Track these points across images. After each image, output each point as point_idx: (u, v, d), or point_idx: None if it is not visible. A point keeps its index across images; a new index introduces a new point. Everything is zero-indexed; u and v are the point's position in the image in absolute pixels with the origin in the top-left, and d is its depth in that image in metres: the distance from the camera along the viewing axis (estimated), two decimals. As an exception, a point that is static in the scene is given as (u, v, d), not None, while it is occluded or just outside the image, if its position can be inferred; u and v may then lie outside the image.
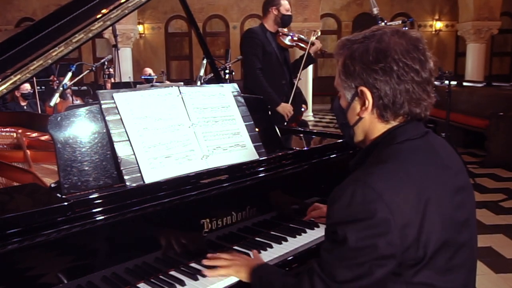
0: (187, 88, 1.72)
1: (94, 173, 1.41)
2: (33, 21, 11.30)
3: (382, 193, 1.07)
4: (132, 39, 10.94)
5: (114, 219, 1.33)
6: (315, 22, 10.96)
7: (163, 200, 1.44)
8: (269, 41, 3.64)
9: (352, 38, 1.23)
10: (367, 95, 1.19)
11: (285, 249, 1.62)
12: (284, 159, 1.84)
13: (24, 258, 1.18)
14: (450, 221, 1.13)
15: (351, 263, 1.10)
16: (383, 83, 1.16)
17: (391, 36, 1.17)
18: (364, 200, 1.08)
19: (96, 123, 1.47)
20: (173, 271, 1.46)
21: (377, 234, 1.07)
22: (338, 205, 1.12)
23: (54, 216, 1.23)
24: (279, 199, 1.85)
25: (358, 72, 1.19)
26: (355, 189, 1.10)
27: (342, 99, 1.29)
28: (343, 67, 1.22)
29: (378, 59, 1.15)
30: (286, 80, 3.75)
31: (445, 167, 1.19)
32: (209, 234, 1.56)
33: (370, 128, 1.24)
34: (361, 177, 1.12)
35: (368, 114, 1.22)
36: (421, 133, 1.21)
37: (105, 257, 1.33)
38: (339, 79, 1.26)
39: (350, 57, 1.20)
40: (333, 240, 1.14)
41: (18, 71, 1.53)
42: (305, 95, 8.99)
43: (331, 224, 1.15)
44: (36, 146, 2.38)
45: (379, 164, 1.15)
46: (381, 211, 1.06)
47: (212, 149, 1.65)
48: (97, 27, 1.67)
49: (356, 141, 1.30)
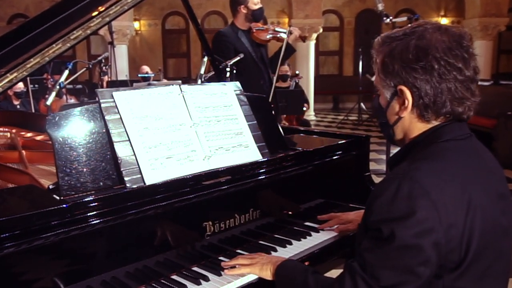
0: (188, 86, 1.72)
1: (93, 174, 1.41)
2: (25, 17, 11.29)
3: (429, 190, 1.07)
4: (128, 36, 10.94)
5: (114, 221, 1.33)
6: (316, 18, 10.97)
7: (164, 202, 1.45)
8: (241, 40, 3.55)
9: (391, 35, 1.23)
10: (407, 94, 1.18)
11: (290, 253, 1.62)
12: (288, 160, 1.84)
13: (22, 262, 1.18)
14: (493, 227, 1.13)
15: (397, 264, 1.08)
16: (423, 82, 1.15)
17: (432, 33, 1.16)
18: (410, 195, 1.07)
19: (96, 122, 1.47)
20: (175, 275, 1.46)
21: (424, 232, 1.06)
22: (381, 200, 1.11)
23: (53, 219, 1.23)
24: (283, 201, 1.85)
25: (397, 70, 1.18)
26: (400, 184, 1.09)
27: (381, 98, 1.29)
28: (382, 65, 1.22)
29: (418, 58, 1.15)
30: (264, 79, 3.67)
31: (489, 172, 1.19)
32: (212, 237, 1.56)
33: (410, 128, 1.24)
34: (407, 172, 1.12)
35: (407, 114, 1.22)
36: (465, 134, 1.21)
37: (105, 260, 1.33)
38: (378, 77, 1.26)
39: (390, 55, 1.20)
40: (377, 238, 1.12)
41: (14, 69, 1.53)
42: (307, 94, 9.00)
43: (374, 221, 1.13)
44: (31, 146, 2.37)
45: (425, 160, 1.15)
46: (428, 208, 1.06)
47: (214, 150, 1.65)
48: (95, 23, 1.67)
49: (396, 140, 1.30)
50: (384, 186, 1.14)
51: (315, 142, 2.30)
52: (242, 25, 3.61)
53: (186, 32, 13.32)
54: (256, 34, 3.61)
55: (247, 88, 3.25)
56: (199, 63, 9.62)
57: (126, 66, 10.43)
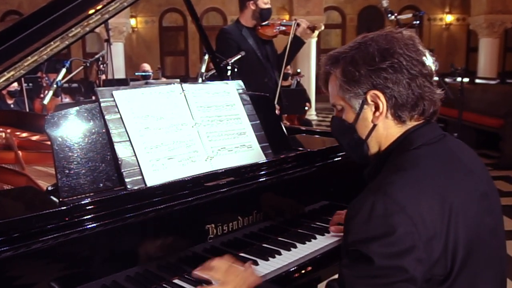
0: (190, 85, 1.72)
1: (93, 175, 1.41)
2: (19, 14, 11.29)
3: (404, 205, 1.05)
4: (124, 33, 10.94)
5: (114, 224, 1.33)
6: (318, 15, 10.97)
7: (166, 204, 1.44)
8: (245, 38, 3.53)
9: (341, 50, 1.23)
10: (380, 97, 1.17)
11: (294, 256, 1.62)
12: (292, 161, 1.84)
13: (20, 266, 1.18)
14: (478, 230, 1.12)
15: (378, 282, 1.06)
16: (394, 81, 1.15)
17: (384, 36, 1.18)
18: (385, 213, 1.05)
19: (95, 122, 1.47)
20: (177, 279, 1.45)
21: (403, 251, 1.04)
22: (356, 220, 1.10)
23: (52, 221, 1.23)
24: (286, 203, 1.85)
25: (364, 75, 1.17)
26: (374, 201, 1.07)
27: (346, 114, 1.26)
28: (345, 75, 1.20)
29: (384, 57, 1.15)
30: (269, 77, 3.65)
31: (468, 172, 1.17)
32: (214, 240, 1.56)
33: (384, 135, 1.22)
34: (381, 187, 1.10)
35: (382, 120, 1.20)
36: (438, 136, 1.20)
37: (105, 264, 1.33)
38: (340, 92, 1.24)
39: (351, 63, 1.19)
40: (355, 259, 1.10)
41: (11, 68, 1.52)
42: (308, 93, 9.01)
43: (351, 242, 1.11)
44: (27, 146, 2.37)
45: (398, 172, 1.13)
46: (404, 224, 1.04)
47: (216, 150, 1.65)
48: (94, 20, 1.67)
49: (370, 155, 1.28)
50: (358, 204, 1.11)
51: (319, 142, 2.30)
52: (248, 22, 3.60)
53: (184, 29, 13.33)
54: (262, 30, 3.59)
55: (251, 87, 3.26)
56: (197, 61, 9.64)
57: (122, 65, 10.42)
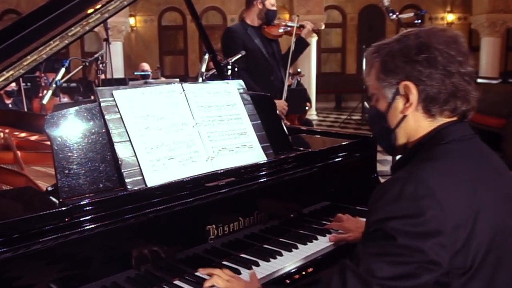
0: (190, 85, 1.72)
1: (93, 175, 1.41)
2: (17, 13, 11.26)
3: (434, 190, 1.07)
4: (123, 32, 10.93)
5: (114, 225, 1.33)
6: (318, 14, 10.96)
7: (166, 204, 1.44)
8: (251, 37, 3.58)
9: (385, 41, 1.26)
10: (411, 88, 1.20)
11: (295, 257, 1.62)
12: (293, 161, 1.84)
13: (19, 267, 1.18)
14: (502, 229, 1.13)
15: (396, 260, 1.08)
16: (427, 75, 1.17)
17: (427, 32, 1.21)
18: (415, 195, 1.07)
19: (95, 122, 1.47)
20: (177, 280, 1.46)
21: (427, 233, 1.06)
22: (384, 199, 1.12)
23: (52, 222, 1.23)
24: (288, 203, 1.85)
25: (400, 66, 1.20)
26: (405, 184, 1.10)
27: (380, 103, 1.29)
28: (382, 65, 1.24)
29: (421, 50, 1.17)
30: (275, 76, 3.70)
31: (496, 172, 1.20)
32: (215, 241, 1.56)
33: (414, 128, 1.24)
34: (412, 172, 1.12)
35: (412, 112, 1.22)
36: (469, 135, 1.22)
37: (105, 265, 1.33)
38: (376, 81, 1.27)
39: (389, 54, 1.22)
40: (376, 237, 1.12)
41: (11, 67, 1.53)
42: (308, 92, 9.01)
43: (374, 221, 1.13)
44: (26, 146, 2.37)
45: (429, 161, 1.15)
46: (433, 208, 1.06)
47: (217, 150, 1.65)
48: (94, 19, 1.67)
49: (398, 146, 1.30)
50: (386, 187, 1.14)
51: (320, 142, 2.30)
52: (253, 21, 3.65)
53: (184, 28, 13.31)
54: (267, 30, 3.65)
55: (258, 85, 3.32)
56: (197, 60, 9.65)
57: (121, 64, 10.42)
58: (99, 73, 4.78)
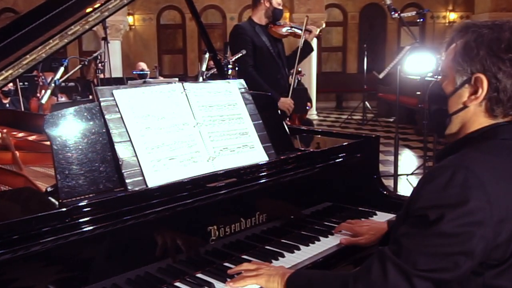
0: (191, 84, 1.72)
1: (93, 176, 1.41)
2: (14, 12, 11.22)
3: (484, 181, 1.07)
4: (121, 31, 10.91)
5: (114, 226, 1.33)
6: (319, 13, 10.96)
7: (167, 205, 1.44)
8: (259, 35, 3.67)
9: (478, 23, 1.22)
10: (483, 83, 1.18)
11: (298, 259, 1.62)
12: (295, 162, 1.84)
13: (18, 269, 1.18)
14: None
15: (438, 251, 1.09)
16: (506, 76, 1.15)
17: None
18: (464, 184, 1.07)
19: (96, 122, 1.47)
20: (178, 282, 1.46)
21: (473, 223, 1.06)
22: (432, 185, 1.12)
23: (52, 223, 1.23)
24: (289, 204, 1.85)
25: (481, 57, 1.17)
26: (455, 171, 1.10)
27: (447, 83, 1.27)
28: (464, 48, 1.20)
29: (509, 49, 1.14)
30: (281, 74, 3.79)
31: None
32: (216, 242, 1.56)
33: (471, 120, 1.23)
34: (463, 161, 1.12)
35: (475, 105, 1.21)
36: None
37: (105, 267, 1.33)
38: (451, 61, 1.24)
39: (476, 40, 1.18)
40: (419, 224, 1.12)
41: (10, 66, 1.52)
42: (309, 92, 9.01)
43: (420, 207, 1.13)
44: (24, 147, 2.37)
45: (483, 152, 1.15)
46: (479, 199, 1.06)
47: (218, 151, 1.66)
48: (94, 18, 1.66)
49: (447, 133, 1.29)
50: (436, 173, 1.14)
51: (322, 142, 2.30)
52: (260, 19, 3.72)
53: (182, 27, 13.31)
54: (274, 29, 3.73)
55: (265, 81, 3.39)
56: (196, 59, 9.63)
57: (119, 63, 10.41)
58: (98, 72, 4.78)
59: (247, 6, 13.05)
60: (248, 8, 13.06)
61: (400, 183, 5.29)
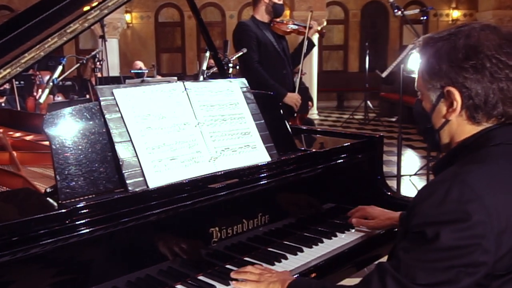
0: (192, 83, 1.72)
1: (93, 177, 1.41)
2: (10, 9, 11.22)
3: (481, 194, 1.08)
4: (119, 29, 10.92)
5: (114, 227, 1.33)
6: (320, 11, 10.96)
7: (168, 206, 1.44)
8: (263, 31, 3.73)
9: (435, 36, 1.24)
10: (455, 95, 1.19)
11: (301, 261, 1.62)
12: (298, 162, 1.84)
13: (17, 270, 1.18)
14: None
15: (437, 266, 1.09)
16: (474, 82, 1.16)
17: (480, 31, 1.18)
18: (460, 199, 1.08)
19: (95, 122, 1.47)
20: (179, 285, 1.46)
21: (474, 236, 1.06)
22: (428, 202, 1.12)
23: (51, 225, 1.23)
24: (292, 205, 1.85)
25: (445, 71, 1.19)
26: (450, 186, 1.10)
27: (425, 101, 1.30)
28: (427, 66, 1.23)
29: (468, 56, 1.16)
30: (287, 70, 3.85)
31: None
32: (218, 244, 1.56)
33: (458, 131, 1.25)
34: (457, 175, 1.12)
35: (455, 116, 1.23)
36: None
37: (105, 269, 1.33)
38: (421, 79, 1.27)
39: (435, 55, 1.21)
40: (418, 240, 1.13)
41: (8, 65, 1.52)
42: (310, 91, 9.01)
43: (418, 224, 1.14)
44: (21, 147, 2.37)
45: (475, 163, 1.15)
46: (478, 213, 1.06)
47: (220, 151, 1.65)
48: (93, 16, 1.66)
49: (441, 145, 1.31)
50: (432, 188, 1.14)
51: (325, 142, 2.30)
52: (263, 17, 3.78)
53: (181, 25, 13.32)
54: (277, 26, 3.80)
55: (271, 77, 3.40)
56: (195, 58, 9.64)
57: (117, 62, 10.41)
58: (96, 71, 4.78)
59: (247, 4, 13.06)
60: (248, 6, 13.07)
61: (403, 184, 5.30)
